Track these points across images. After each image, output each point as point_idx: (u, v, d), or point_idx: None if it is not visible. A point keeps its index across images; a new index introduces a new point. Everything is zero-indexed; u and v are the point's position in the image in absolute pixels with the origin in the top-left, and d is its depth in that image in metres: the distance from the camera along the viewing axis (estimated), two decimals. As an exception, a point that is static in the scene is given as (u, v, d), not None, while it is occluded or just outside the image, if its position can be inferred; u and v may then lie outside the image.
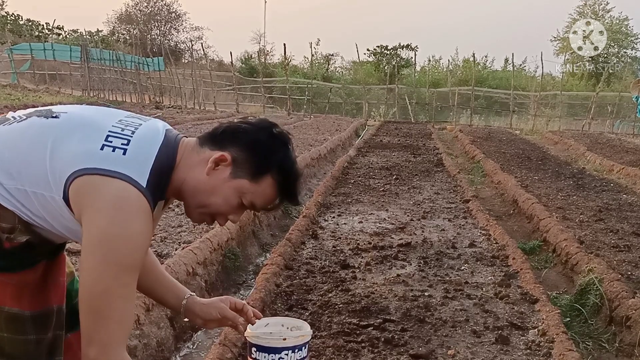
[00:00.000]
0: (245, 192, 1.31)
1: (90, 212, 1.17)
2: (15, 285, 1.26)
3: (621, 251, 3.95)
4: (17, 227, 1.22)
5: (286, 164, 1.33)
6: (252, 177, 1.30)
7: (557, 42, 32.72)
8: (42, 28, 36.06)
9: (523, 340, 2.52)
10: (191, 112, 17.31)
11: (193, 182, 1.30)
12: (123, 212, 1.17)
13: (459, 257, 3.74)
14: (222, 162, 1.29)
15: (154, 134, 1.29)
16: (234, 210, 1.34)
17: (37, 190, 1.20)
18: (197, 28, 39.95)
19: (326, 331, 2.53)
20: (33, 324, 1.29)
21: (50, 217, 1.23)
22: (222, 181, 1.29)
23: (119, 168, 1.19)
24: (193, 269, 3.06)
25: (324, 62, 32.40)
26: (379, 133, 13.27)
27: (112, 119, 1.30)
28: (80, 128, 1.25)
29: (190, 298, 1.56)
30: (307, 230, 4.21)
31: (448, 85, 21.56)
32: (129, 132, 1.26)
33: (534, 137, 14.25)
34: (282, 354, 1.49)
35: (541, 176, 7.30)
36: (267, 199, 1.34)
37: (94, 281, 1.18)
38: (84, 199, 1.18)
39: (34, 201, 1.21)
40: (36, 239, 1.25)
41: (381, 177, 6.91)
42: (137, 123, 1.31)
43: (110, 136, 1.23)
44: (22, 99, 15.78)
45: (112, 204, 1.17)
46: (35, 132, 1.24)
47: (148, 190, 1.21)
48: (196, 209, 1.34)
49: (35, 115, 1.29)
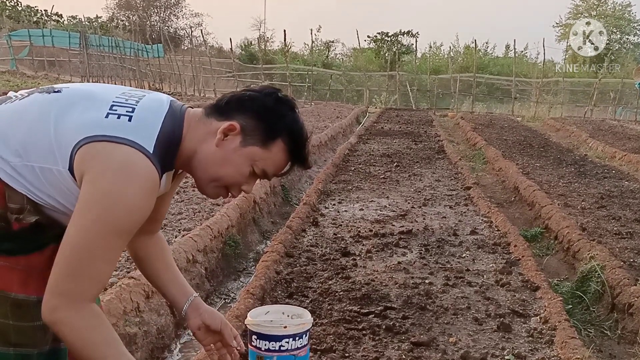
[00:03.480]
0: (257, 159, 1.30)
1: (93, 173, 1.15)
2: (22, 269, 1.25)
3: (623, 238, 3.93)
4: (25, 208, 1.20)
5: (295, 127, 1.32)
6: (262, 143, 1.29)
7: (559, 28, 32.55)
8: (40, 14, 35.81)
9: (525, 328, 2.51)
10: (191, 99, 17.25)
11: (203, 155, 1.28)
12: (127, 175, 1.15)
13: (460, 245, 3.72)
14: (230, 131, 1.27)
15: (158, 104, 1.28)
16: (247, 180, 1.33)
17: (44, 164, 1.18)
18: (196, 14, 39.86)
19: (327, 319, 2.52)
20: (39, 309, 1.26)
21: (58, 193, 1.21)
22: (232, 151, 1.28)
23: (125, 134, 1.17)
24: (193, 257, 3.05)
25: (324, 49, 32.20)
26: (379, 120, 13.22)
27: (115, 91, 1.29)
28: (83, 99, 1.24)
29: (197, 298, 1.56)
30: (308, 218, 4.19)
31: (449, 72, 21.44)
32: (133, 102, 1.25)
33: (535, 124, 14.20)
34: (282, 341, 1.48)
35: (543, 163, 7.27)
36: (278, 164, 1.34)
37: (81, 237, 1.15)
38: (88, 163, 1.15)
39: (41, 178, 1.19)
40: (45, 220, 1.24)
41: (382, 164, 6.88)
42: (141, 94, 1.30)
43: (114, 105, 1.22)
44: (21, 86, 15.72)
45: (117, 167, 1.14)
46: (39, 107, 1.23)
47: (155, 157, 1.19)
48: (209, 183, 1.33)
49: (37, 92, 1.28)
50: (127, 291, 2.37)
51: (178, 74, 21.51)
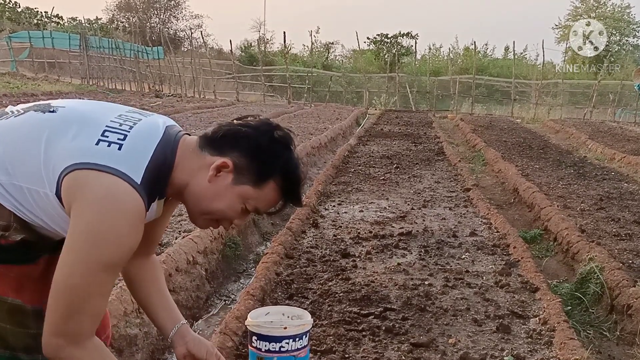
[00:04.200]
0: (248, 198, 1.29)
1: (79, 205, 1.14)
2: (15, 277, 1.25)
3: (622, 240, 3.94)
4: (12, 225, 1.20)
5: (289, 168, 1.31)
6: (254, 183, 1.28)
7: (559, 30, 32.57)
8: (40, 16, 35.85)
9: (524, 329, 2.52)
10: (191, 101, 17.25)
11: (195, 189, 1.28)
12: (112, 209, 1.14)
13: (459, 246, 3.73)
14: (223, 168, 1.26)
15: (152, 130, 1.26)
16: (239, 216, 1.33)
17: (31, 186, 1.18)
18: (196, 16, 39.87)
19: (327, 320, 2.53)
20: (35, 319, 1.28)
21: (45, 214, 1.20)
22: (224, 188, 1.27)
23: (112, 163, 1.16)
24: (193, 258, 3.06)
25: (324, 51, 32.23)
26: (379, 122, 13.23)
27: (112, 113, 1.27)
28: (77, 122, 1.22)
29: (184, 325, 1.55)
30: (308, 219, 4.20)
31: (449, 74, 21.47)
32: (127, 127, 1.23)
33: (535, 125, 14.21)
34: (282, 342, 1.49)
35: (542, 165, 7.28)
36: (270, 203, 1.33)
37: (73, 276, 1.15)
38: (74, 193, 1.15)
39: (29, 198, 1.19)
40: (33, 237, 1.24)
41: (382, 165, 6.89)
42: (137, 118, 1.28)
43: (107, 131, 1.21)
44: (21, 87, 15.73)
45: (101, 199, 1.14)
46: (31, 126, 1.22)
47: (143, 187, 1.18)
48: (201, 216, 1.33)
49: (33, 110, 1.27)
50: (127, 292, 2.38)
51: (178, 76, 21.53)
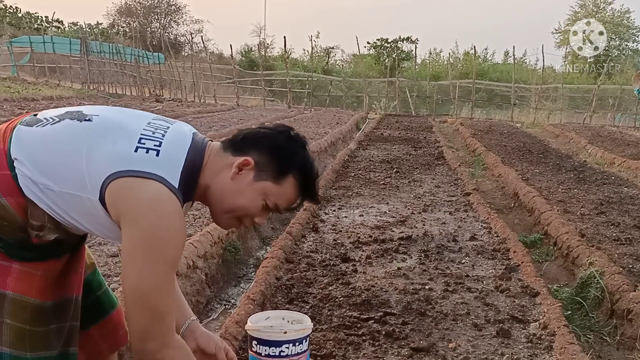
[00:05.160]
0: (269, 193, 1.38)
1: (130, 214, 1.23)
2: (42, 276, 1.32)
3: (622, 244, 3.94)
4: (46, 225, 1.28)
5: (306, 164, 1.40)
6: (274, 178, 1.37)
7: (558, 34, 32.66)
8: (41, 21, 35.93)
9: (524, 334, 2.52)
10: (191, 105, 17.27)
11: (219, 187, 1.36)
12: (162, 213, 1.23)
13: (459, 250, 3.73)
14: (245, 166, 1.35)
15: (183, 137, 1.36)
16: (260, 212, 1.40)
17: (72, 191, 1.25)
18: (197, 21, 39.91)
19: (327, 324, 2.53)
20: (54, 312, 1.35)
21: (82, 216, 1.28)
22: (246, 184, 1.36)
23: (153, 169, 1.25)
24: (194, 262, 3.06)
25: (324, 55, 32.30)
26: (379, 126, 13.24)
27: (142, 121, 1.36)
28: (113, 131, 1.30)
29: (195, 321, 1.60)
30: (308, 224, 4.20)
31: (449, 78, 21.48)
32: (160, 135, 1.32)
33: (535, 130, 14.22)
34: (282, 347, 1.49)
35: (542, 169, 7.28)
36: (289, 199, 1.41)
37: (144, 280, 1.23)
38: (122, 201, 1.23)
39: (68, 202, 1.26)
40: (64, 236, 1.32)
41: (382, 170, 6.89)
42: (166, 126, 1.37)
43: (142, 138, 1.29)
44: (21, 92, 15.75)
45: (150, 205, 1.23)
46: (71, 135, 1.29)
47: (179, 191, 1.27)
48: (224, 214, 1.40)
49: (68, 118, 1.33)
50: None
51: (178, 80, 21.57)
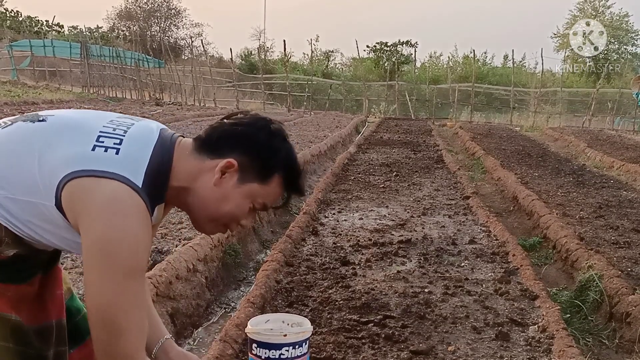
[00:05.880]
0: (256, 195, 1.28)
1: (86, 217, 1.12)
2: (13, 296, 1.22)
3: (621, 247, 3.95)
4: (4, 240, 1.17)
5: (290, 160, 1.30)
6: (260, 179, 1.27)
7: (557, 38, 32.74)
8: (41, 25, 36.01)
9: (523, 337, 2.53)
10: (191, 109, 17.29)
11: (200, 194, 1.25)
12: (119, 214, 1.11)
13: (459, 254, 3.74)
14: (228, 169, 1.24)
15: (147, 133, 1.24)
16: (247, 215, 1.31)
17: (27, 198, 1.14)
18: (196, 24, 39.87)
19: (327, 327, 2.54)
20: (36, 337, 1.25)
21: (40, 226, 1.17)
22: (231, 189, 1.25)
23: (112, 168, 1.13)
24: (193, 266, 3.07)
25: (323, 59, 32.35)
26: (379, 130, 13.26)
27: (103, 120, 1.24)
28: (69, 130, 1.19)
29: (169, 340, 1.50)
30: (308, 227, 4.21)
31: (448, 82, 21.55)
32: (121, 132, 1.20)
33: (534, 133, 14.25)
34: (282, 350, 1.49)
35: (541, 173, 7.29)
36: (277, 197, 1.32)
37: (101, 292, 1.12)
38: (78, 204, 1.12)
39: (24, 210, 1.15)
40: (26, 251, 1.20)
41: (381, 173, 6.91)
42: (129, 123, 1.26)
43: (101, 136, 1.18)
44: (22, 96, 15.77)
45: (107, 206, 1.11)
46: (22, 137, 1.19)
47: (144, 191, 1.15)
48: (208, 222, 1.30)
49: (21, 120, 1.23)
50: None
51: (178, 84, 21.60)
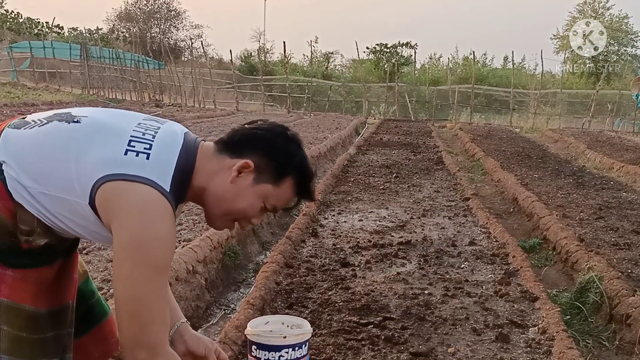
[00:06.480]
0: (268, 196, 1.37)
1: (119, 218, 1.20)
2: (33, 282, 1.29)
3: (621, 249, 3.94)
4: (35, 230, 1.25)
5: (303, 165, 1.40)
6: (274, 181, 1.36)
7: (557, 40, 32.77)
8: (41, 26, 36.04)
9: (523, 338, 2.52)
10: (191, 110, 17.30)
11: (217, 190, 1.34)
12: (151, 216, 1.20)
13: (459, 255, 3.74)
14: (245, 169, 1.33)
15: (173, 138, 1.33)
16: (257, 214, 1.40)
17: (61, 194, 1.22)
18: (196, 26, 39.92)
19: (326, 329, 2.53)
20: (50, 321, 1.32)
21: (72, 219, 1.25)
22: (245, 188, 1.34)
23: (144, 173, 1.22)
24: (193, 267, 3.06)
25: (323, 60, 32.37)
26: (379, 131, 13.27)
27: (132, 122, 1.33)
28: (102, 132, 1.27)
29: (184, 324, 1.58)
30: (307, 229, 4.21)
31: (448, 83, 21.55)
32: (150, 136, 1.29)
33: (534, 135, 14.25)
34: (282, 351, 1.49)
35: (541, 174, 7.29)
36: (287, 199, 1.41)
37: (132, 286, 1.21)
38: (112, 205, 1.21)
39: (57, 205, 1.23)
40: (54, 241, 1.29)
41: (381, 175, 6.90)
42: (156, 126, 1.34)
43: (132, 140, 1.26)
44: (21, 97, 15.77)
45: (141, 208, 1.20)
46: (59, 136, 1.26)
47: (171, 194, 1.25)
48: (221, 217, 1.39)
49: (57, 120, 1.30)
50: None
51: (178, 85, 21.61)
